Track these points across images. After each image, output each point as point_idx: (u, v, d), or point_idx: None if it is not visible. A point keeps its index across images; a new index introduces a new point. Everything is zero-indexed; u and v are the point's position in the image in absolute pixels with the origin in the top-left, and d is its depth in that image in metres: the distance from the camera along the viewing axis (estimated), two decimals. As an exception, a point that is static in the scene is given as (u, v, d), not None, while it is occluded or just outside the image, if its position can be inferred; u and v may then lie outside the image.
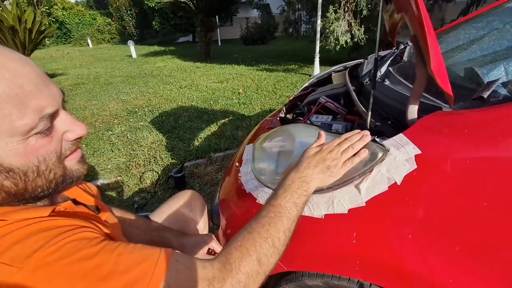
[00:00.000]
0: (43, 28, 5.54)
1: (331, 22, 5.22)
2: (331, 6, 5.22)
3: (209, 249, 0.84)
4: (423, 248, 0.49)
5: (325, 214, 0.58)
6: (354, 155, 0.58)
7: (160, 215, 0.89)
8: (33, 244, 0.34)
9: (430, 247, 0.49)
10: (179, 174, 1.93)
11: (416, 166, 0.52)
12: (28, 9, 5.17)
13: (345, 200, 0.57)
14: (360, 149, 0.58)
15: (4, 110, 0.33)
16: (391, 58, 1.10)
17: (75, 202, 0.51)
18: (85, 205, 0.52)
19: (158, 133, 2.92)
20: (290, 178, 0.56)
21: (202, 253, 0.82)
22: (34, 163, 0.38)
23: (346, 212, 0.56)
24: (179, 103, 3.93)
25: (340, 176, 0.57)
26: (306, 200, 0.54)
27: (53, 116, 0.39)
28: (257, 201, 0.71)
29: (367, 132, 0.60)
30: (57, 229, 0.37)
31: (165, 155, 2.42)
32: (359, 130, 0.62)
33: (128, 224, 0.75)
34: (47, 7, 15.34)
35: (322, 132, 0.64)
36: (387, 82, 0.87)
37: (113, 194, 1.94)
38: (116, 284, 0.35)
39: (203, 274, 0.41)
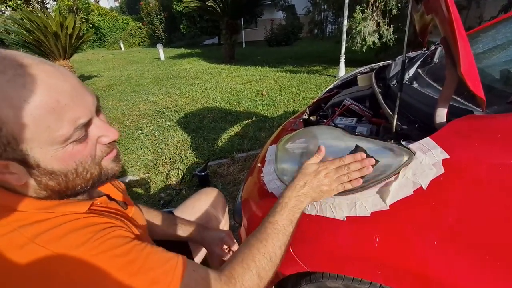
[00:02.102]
0: (81, 33, 5.95)
1: (358, 22, 5.09)
2: (358, 6, 5.09)
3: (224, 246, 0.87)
4: (450, 255, 0.48)
5: (347, 216, 0.58)
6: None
7: (183, 211, 0.94)
8: (81, 237, 0.40)
9: (457, 255, 0.47)
10: (203, 173, 1.99)
11: (443, 171, 0.51)
12: (69, 16, 5.59)
13: (368, 203, 0.56)
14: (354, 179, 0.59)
15: (44, 123, 0.37)
16: (420, 60, 1.07)
17: (109, 197, 0.57)
18: (116, 201, 0.58)
19: (183, 132, 3.03)
20: (287, 196, 0.59)
21: (218, 248, 0.85)
22: (72, 166, 0.43)
23: (369, 215, 0.56)
24: (204, 104, 4.04)
25: (330, 196, 0.61)
26: (299, 216, 0.59)
27: (87, 124, 0.43)
28: (279, 200, 0.72)
29: (371, 162, 0.59)
30: (98, 226, 0.43)
31: (190, 154, 2.51)
32: (364, 155, 0.61)
33: (152, 221, 0.81)
34: (85, 14, 16.45)
35: (322, 147, 0.66)
36: (415, 85, 0.85)
37: (141, 190, 2.05)
38: (144, 279, 0.41)
39: (214, 286, 0.46)
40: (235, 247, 0.86)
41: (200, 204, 0.97)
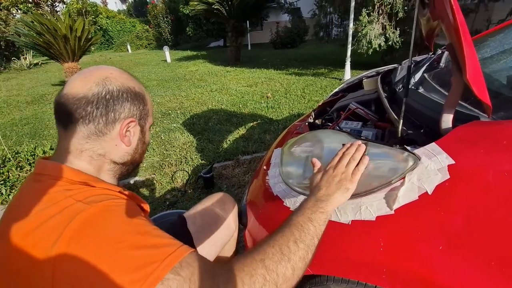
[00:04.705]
0: (90, 36, 6.04)
1: (364, 25, 5.08)
2: (364, 9, 5.08)
3: None
4: (455, 260, 0.48)
5: (352, 220, 0.59)
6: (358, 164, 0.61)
7: (194, 213, 0.95)
8: (103, 198, 0.49)
9: (462, 260, 0.48)
10: (208, 175, 2.00)
11: (448, 176, 0.51)
12: (78, 19, 5.69)
13: (373, 207, 0.57)
14: (361, 158, 0.61)
15: (152, 108, 0.62)
16: (427, 64, 1.06)
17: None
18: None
19: (189, 134, 3.05)
20: (305, 200, 0.60)
21: None
22: (145, 142, 0.63)
23: (374, 219, 0.56)
24: (210, 106, 4.07)
25: (355, 187, 0.59)
26: (324, 218, 0.55)
27: None
28: (284, 203, 0.73)
29: (359, 142, 0.65)
30: (120, 197, 0.53)
31: (195, 156, 2.53)
32: (351, 143, 0.65)
33: None
34: (93, 16, 16.71)
35: (315, 159, 0.69)
36: (421, 90, 0.85)
37: (147, 191, 2.07)
38: (148, 241, 0.44)
39: (210, 266, 0.46)
40: None
41: (211, 208, 0.98)
